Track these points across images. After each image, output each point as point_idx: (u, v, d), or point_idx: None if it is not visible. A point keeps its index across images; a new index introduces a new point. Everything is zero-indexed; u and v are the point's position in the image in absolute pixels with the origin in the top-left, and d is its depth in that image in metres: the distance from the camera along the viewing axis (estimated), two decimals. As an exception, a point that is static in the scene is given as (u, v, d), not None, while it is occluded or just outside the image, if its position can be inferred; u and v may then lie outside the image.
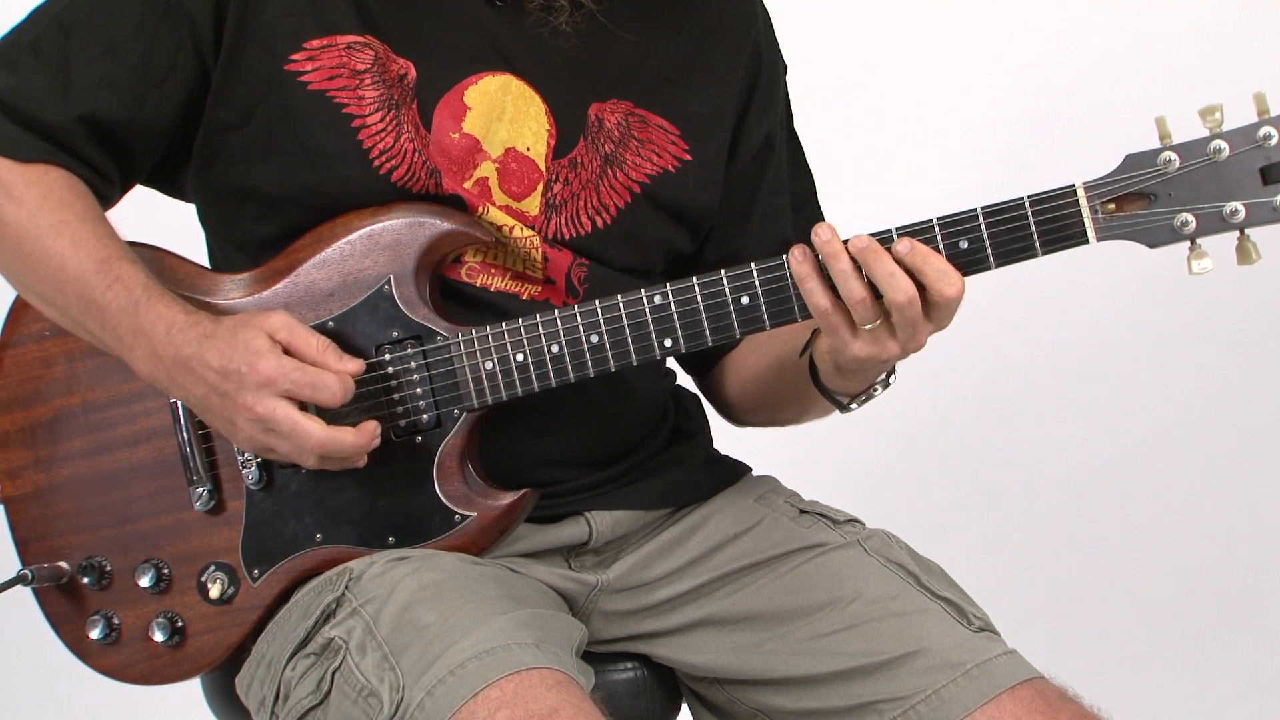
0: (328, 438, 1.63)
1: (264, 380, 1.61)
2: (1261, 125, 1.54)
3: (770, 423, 2.00)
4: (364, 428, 1.66)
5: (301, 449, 1.63)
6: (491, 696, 1.50)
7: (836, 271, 1.59)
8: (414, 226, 1.71)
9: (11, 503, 1.83)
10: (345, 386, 1.63)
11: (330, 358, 1.64)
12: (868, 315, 1.59)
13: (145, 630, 1.78)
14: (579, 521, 1.82)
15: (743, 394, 1.97)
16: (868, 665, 1.72)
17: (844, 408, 1.77)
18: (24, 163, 1.71)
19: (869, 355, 1.62)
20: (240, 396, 1.62)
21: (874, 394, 1.74)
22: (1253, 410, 3.34)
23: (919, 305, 1.58)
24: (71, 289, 1.69)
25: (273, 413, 1.61)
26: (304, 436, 1.62)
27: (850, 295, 1.58)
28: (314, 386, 1.62)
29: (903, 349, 1.62)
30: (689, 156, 1.85)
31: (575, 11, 1.77)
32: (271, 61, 1.72)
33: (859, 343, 1.62)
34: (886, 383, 1.73)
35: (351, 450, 1.65)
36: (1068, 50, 3.29)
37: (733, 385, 1.98)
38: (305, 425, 1.62)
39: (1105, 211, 1.58)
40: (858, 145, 3.22)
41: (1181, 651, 3.36)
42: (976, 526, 3.39)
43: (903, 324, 1.59)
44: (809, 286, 1.61)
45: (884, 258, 1.58)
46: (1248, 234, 1.56)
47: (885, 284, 1.57)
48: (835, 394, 1.75)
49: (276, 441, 1.64)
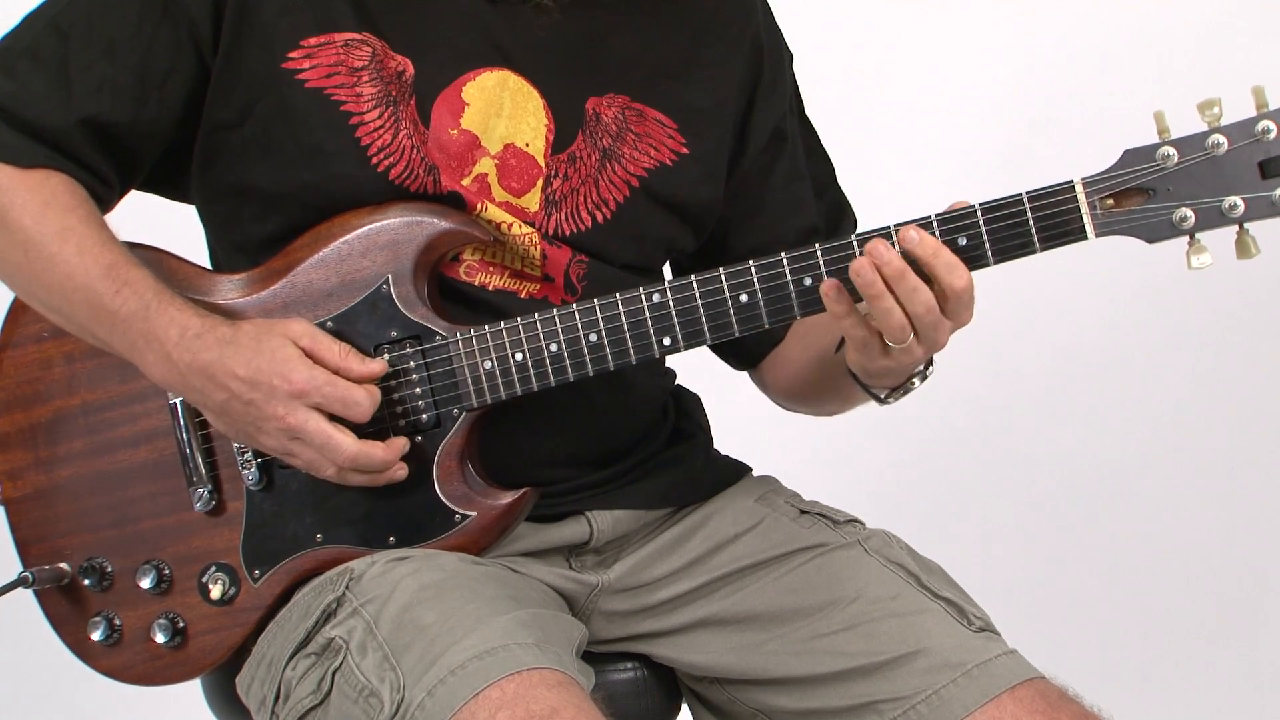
0: (359, 450, 1.64)
1: (297, 392, 1.62)
2: (1260, 119, 1.53)
3: (820, 412, 2.02)
4: (392, 443, 1.67)
5: (329, 461, 1.64)
6: (492, 697, 1.50)
7: (881, 310, 1.58)
8: (412, 225, 1.71)
9: (12, 504, 1.83)
10: (374, 402, 1.65)
11: (353, 362, 1.65)
12: (903, 338, 1.60)
13: (147, 631, 1.77)
14: (579, 521, 1.82)
15: (790, 386, 1.98)
16: (868, 665, 1.72)
17: (881, 401, 1.77)
18: (25, 169, 1.70)
19: (896, 363, 1.64)
20: (270, 407, 1.62)
21: (911, 387, 1.74)
22: (1253, 408, 3.33)
23: (938, 310, 1.59)
24: (79, 295, 1.68)
25: (304, 424, 1.62)
26: (336, 449, 1.63)
27: (891, 327, 1.58)
28: (345, 403, 1.63)
29: (927, 352, 1.63)
30: (686, 150, 1.85)
31: (572, 5, 1.76)
32: (269, 60, 1.72)
33: (888, 359, 1.63)
34: (924, 375, 1.73)
35: (380, 464, 1.66)
36: (1066, 45, 3.28)
37: (781, 378, 1.98)
38: (338, 439, 1.63)
39: (1104, 207, 1.58)
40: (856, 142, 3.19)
41: (1181, 651, 3.36)
42: (977, 526, 3.39)
43: (925, 330, 1.60)
44: (847, 324, 1.61)
45: (908, 276, 1.57)
46: (1247, 228, 1.56)
47: (907, 299, 1.58)
48: (873, 389, 1.75)
49: (302, 450, 1.65)
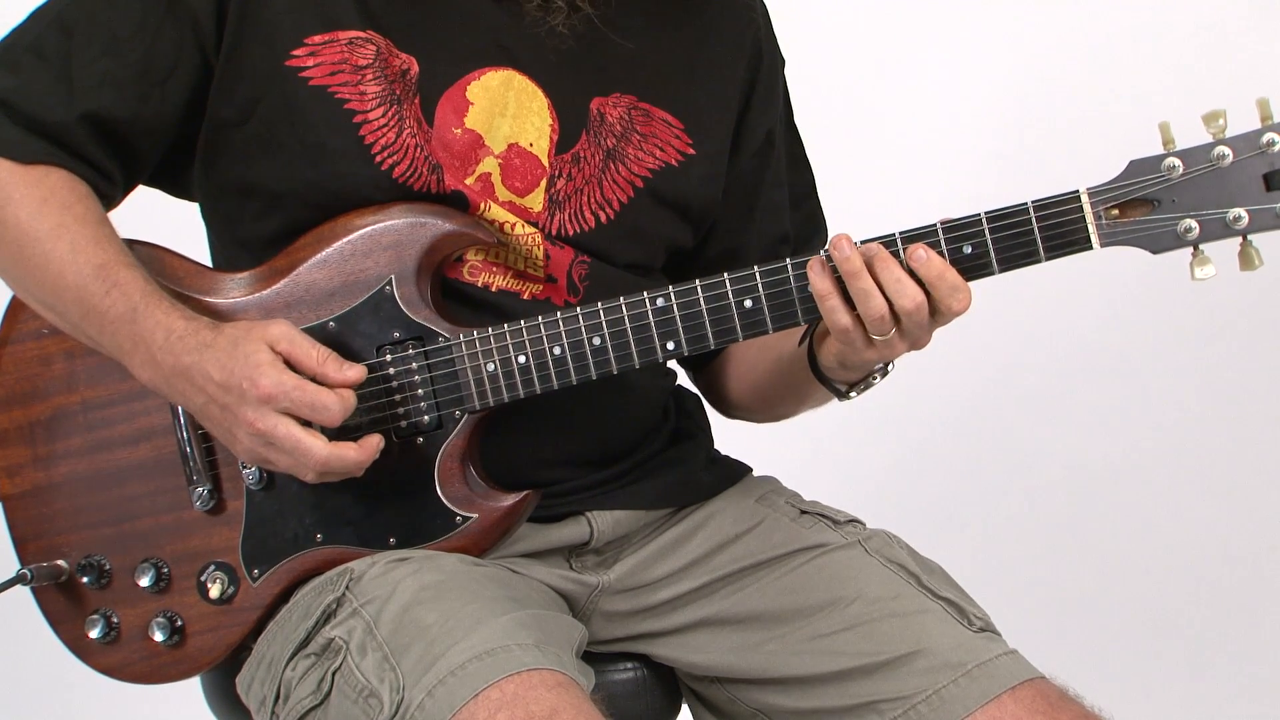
0: (329, 454, 1.62)
1: (264, 397, 1.59)
2: (1265, 131, 1.53)
3: (766, 416, 2.00)
4: (365, 443, 1.64)
5: (303, 465, 1.62)
6: (492, 697, 1.50)
7: (857, 290, 1.59)
8: (415, 226, 1.71)
9: (10, 500, 1.83)
10: (345, 407, 1.62)
11: (330, 368, 1.63)
12: (885, 329, 1.60)
13: (145, 629, 1.77)
14: (580, 521, 1.82)
15: (739, 386, 1.97)
16: (868, 665, 1.72)
17: (843, 396, 1.77)
18: (25, 164, 1.70)
19: (878, 358, 1.65)
20: (241, 411, 1.61)
21: (873, 382, 1.74)
22: (1254, 413, 3.34)
23: (926, 311, 1.59)
24: (70, 294, 1.68)
25: (274, 429, 1.60)
26: (306, 454, 1.61)
27: (870, 313, 1.59)
28: (313, 407, 1.60)
29: (909, 349, 1.64)
30: (692, 150, 1.84)
31: (572, 14, 1.76)
32: (273, 57, 1.72)
33: (872, 351, 1.63)
34: (885, 371, 1.73)
35: (354, 466, 1.64)
36: (1072, 55, 3.28)
37: (730, 378, 1.97)
38: (307, 443, 1.61)
39: (1109, 217, 1.58)
40: (861, 149, 3.21)
41: (1181, 651, 3.36)
42: (977, 527, 3.39)
43: (910, 328, 1.60)
44: (830, 304, 1.61)
45: (891, 264, 1.58)
46: (1250, 240, 1.56)
47: (893, 290, 1.58)
48: (835, 383, 1.75)
49: (277, 455, 1.63)
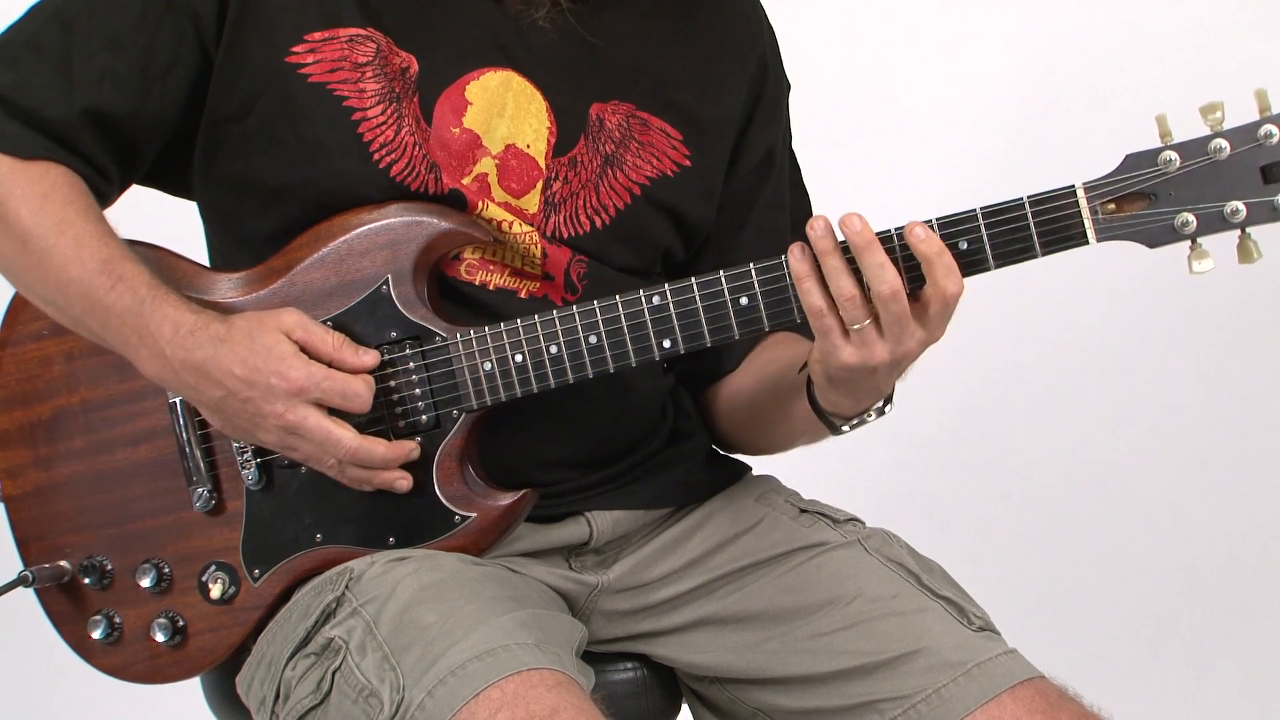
0: (359, 445, 1.65)
1: (296, 389, 1.62)
2: (1262, 123, 1.53)
3: (757, 447, 1.98)
4: (398, 445, 1.68)
5: (331, 455, 1.65)
6: (492, 697, 1.50)
7: (829, 268, 1.57)
8: (412, 225, 1.71)
9: (12, 502, 1.83)
10: (372, 391, 1.65)
11: (347, 353, 1.66)
12: (857, 314, 1.57)
13: (147, 630, 1.78)
14: (579, 521, 1.82)
15: (733, 413, 1.94)
16: (868, 664, 1.72)
17: (836, 429, 1.73)
18: (25, 160, 1.70)
19: (859, 361, 1.59)
20: (269, 404, 1.63)
21: (867, 419, 1.71)
22: (1253, 410, 3.33)
23: (904, 300, 1.56)
24: (74, 289, 1.68)
25: (304, 420, 1.63)
26: (336, 444, 1.64)
27: (840, 291, 1.57)
28: (344, 395, 1.64)
29: (891, 354, 1.58)
30: (689, 162, 1.84)
31: (553, 8, 1.76)
32: (272, 53, 1.72)
33: (849, 347, 1.59)
34: (882, 410, 1.71)
35: (381, 460, 1.66)
36: (1067, 49, 3.28)
37: (724, 403, 1.95)
38: (338, 434, 1.64)
39: (1105, 212, 1.57)
40: (857, 144, 3.21)
41: (1181, 651, 3.36)
42: (977, 526, 3.39)
43: (889, 321, 1.57)
44: (805, 286, 1.59)
45: (875, 248, 1.56)
46: (1249, 233, 1.55)
47: (873, 275, 1.55)
48: (829, 414, 1.72)
49: (301, 444, 1.65)
